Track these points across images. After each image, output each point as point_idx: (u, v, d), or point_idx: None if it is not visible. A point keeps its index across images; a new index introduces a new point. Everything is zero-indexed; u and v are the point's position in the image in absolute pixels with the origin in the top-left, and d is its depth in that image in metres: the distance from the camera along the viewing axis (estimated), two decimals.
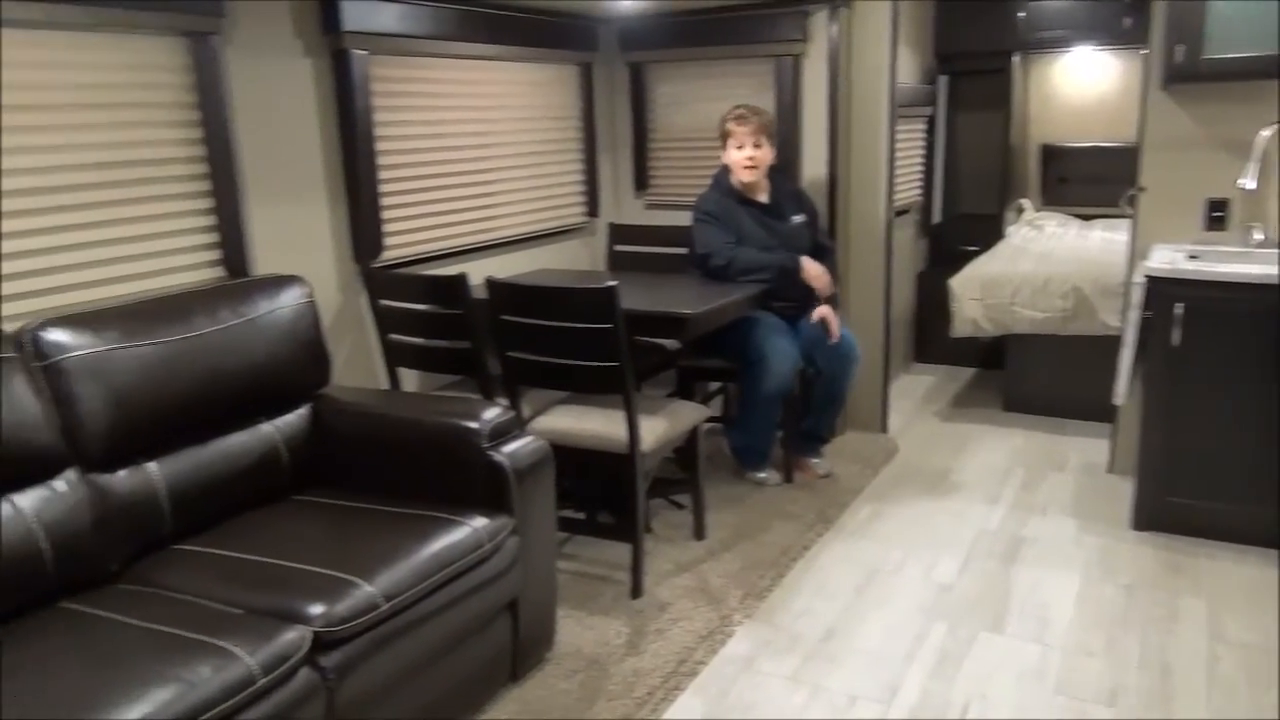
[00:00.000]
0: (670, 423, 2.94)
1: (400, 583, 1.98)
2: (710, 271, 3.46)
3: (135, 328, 2.18)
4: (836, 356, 3.57)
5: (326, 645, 1.83)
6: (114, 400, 2.09)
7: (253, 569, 2.04)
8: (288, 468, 2.45)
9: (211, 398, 2.29)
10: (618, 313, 2.62)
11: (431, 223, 3.39)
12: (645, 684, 2.43)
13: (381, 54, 3.07)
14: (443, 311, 2.92)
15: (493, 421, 2.35)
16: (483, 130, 3.58)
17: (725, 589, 2.91)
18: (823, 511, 3.44)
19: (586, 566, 3.07)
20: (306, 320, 2.54)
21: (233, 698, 1.64)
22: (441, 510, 2.25)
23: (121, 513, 2.09)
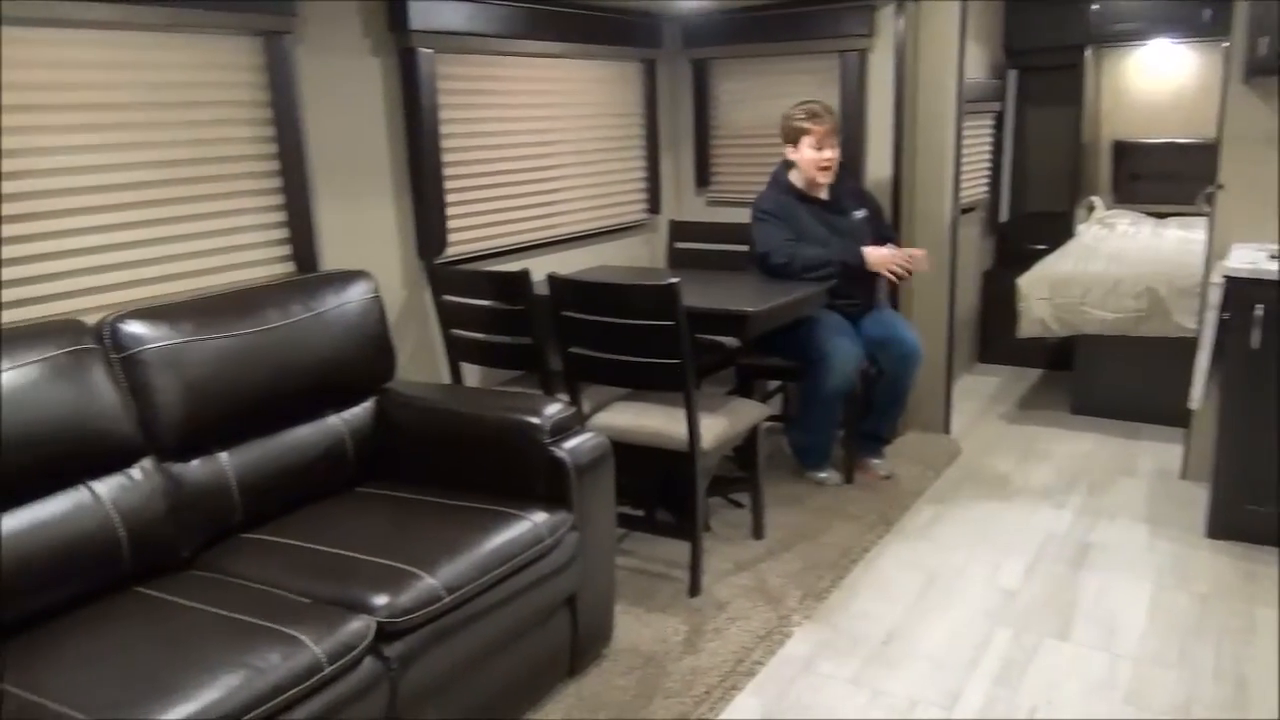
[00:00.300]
0: (730, 421, 2.93)
1: (462, 576, 2.00)
2: (770, 270, 3.43)
3: (209, 321, 2.23)
4: (900, 356, 3.52)
5: (390, 635, 1.86)
6: (188, 391, 2.14)
7: (319, 559, 2.07)
8: (353, 460, 2.50)
9: (281, 390, 2.34)
10: (679, 310, 2.61)
11: (494, 219, 3.42)
12: (703, 683, 2.43)
13: (448, 52, 3.10)
14: (505, 307, 2.94)
15: (554, 417, 2.36)
16: (546, 127, 3.60)
17: (784, 589, 2.89)
18: (883, 513, 3.40)
19: (644, 563, 3.07)
20: (373, 315, 2.58)
21: (300, 684, 1.67)
22: (502, 504, 2.27)
23: (194, 501, 2.15)
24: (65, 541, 1.89)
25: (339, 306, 2.50)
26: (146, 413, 2.09)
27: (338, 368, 2.47)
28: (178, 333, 2.16)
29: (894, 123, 3.82)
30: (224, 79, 2.52)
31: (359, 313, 2.54)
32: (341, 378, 2.50)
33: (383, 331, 2.61)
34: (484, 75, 3.30)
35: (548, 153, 3.62)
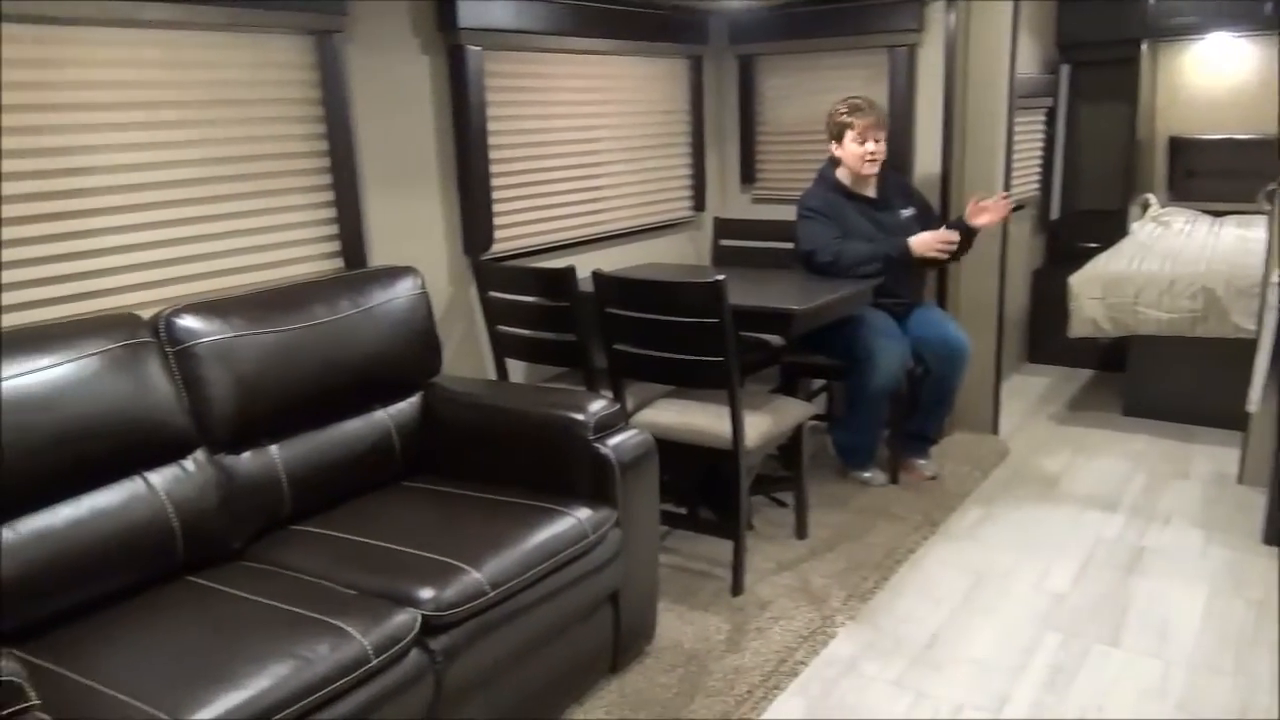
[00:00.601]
0: (775, 420, 2.91)
1: (506, 571, 2.01)
2: (816, 268, 3.40)
3: (260, 316, 2.27)
4: (947, 355, 3.48)
5: (435, 629, 1.87)
6: (240, 385, 2.18)
7: (366, 552, 2.10)
8: (399, 454, 2.52)
9: (329, 384, 2.37)
10: (725, 307, 2.60)
11: (540, 216, 3.43)
12: (745, 682, 2.42)
13: (495, 49, 3.12)
14: (550, 304, 2.96)
15: (598, 414, 2.37)
16: (592, 124, 3.60)
17: (827, 589, 2.87)
18: (929, 514, 3.36)
19: (686, 561, 3.07)
20: (420, 311, 2.60)
21: (347, 676, 1.69)
22: (546, 500, 2.28)
23: (245, 493, 2.18)
24: (121, 530, 1.93)
25: (386, 302, 2.53)
26: (199, 405, 2.13)
27: (385, 363, 2.50)
28: (230, 327, 2.20)
29: (943, 119, 3.77)
30: (277, 78, 2.56)
31: (406, 308, 2.57)
32: (388, 372, 2.53)
33: (429, 327, 2.63)
34: (531, 72, 3.32)
35: (593, 150, 3.63)
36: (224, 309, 2.23)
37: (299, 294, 2.41)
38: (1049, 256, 5.49)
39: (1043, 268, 5.36)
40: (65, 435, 1.87)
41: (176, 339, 2.13)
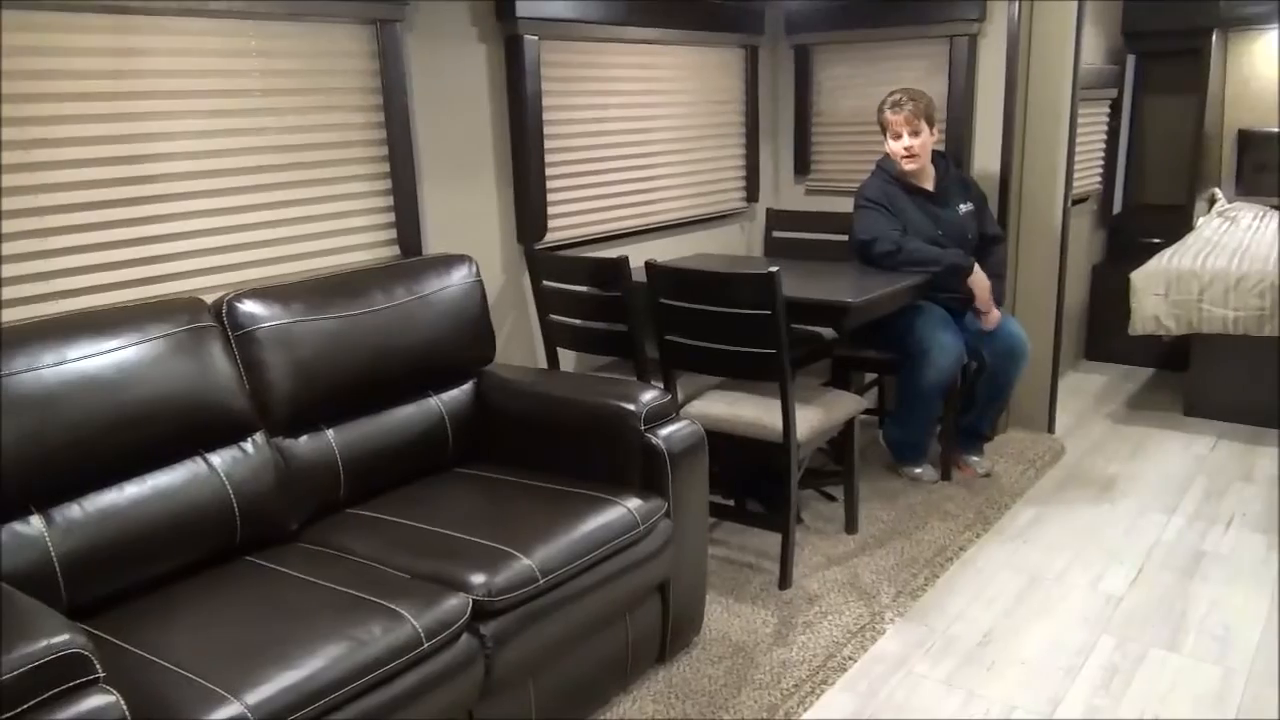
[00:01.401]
0: (826, 413, 2.89)
1: (556, 558, 2.02)
2: (873, 259, 3.36)
3: (318, 302, 2.30)
4: (1004, 351, 3.42)
5: (485, 614, 1.89)
6: (298, 369, 2.22)
7: (418, 536, 2.13)
8: (451, 441, 2.55)
9: (384, 370, 2.40)
10: (779, 299, 2.59)
11: (593, 205, 3.44)
12: (793, 676, 2.41)
13: (552, 39, 3.13)
14: (602, 294, 2.96)
15: (650, 404, 2.37)
16: (646, 114, 3.60)
17: (877, 585, 2.84)
18: (981, 512, 3.32)
19: (734, 553, 3.06)
20: (474, 299, 2.62)
21: (399, 658, 1.71)
22: (597, 489, 2.29)
23: (302, 476, 2.22)
24: (183, 509, 1.98)
25: (441, 290, 2.55)
26: (259, 389, 2.17)
27: (439, 350, 2.53)
28: (290, 313, 2.24)
29: (1004, 111, 3.70)
30: (338, 67, 2.59)
31: (460, 296, 2.59)
32: (442, 360, 2.55)
33: (483, 315, 2.65)
34: (587, 62, 3.32)
35: (647, 140, 3.62)
36: (284, 295, 2.27)
37: (356, 281, 2.44)
38: (1109, 252, 5.37)
39: (1103, 263, 5.24)
40: (131, 416, 1.91)
41: (238, 323, 2.17)
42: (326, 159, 2.60)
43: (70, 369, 1.85)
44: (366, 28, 2.62)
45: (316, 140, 2.57)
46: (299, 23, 2.48)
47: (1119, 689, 2.36)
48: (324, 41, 2.54)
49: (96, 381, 1.88)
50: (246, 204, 2.45)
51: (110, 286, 2.22)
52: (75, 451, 1.84)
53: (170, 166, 2.29)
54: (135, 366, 1.94)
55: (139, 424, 1.93)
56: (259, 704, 1.53)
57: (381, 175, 2.73)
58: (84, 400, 1.85)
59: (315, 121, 2.56)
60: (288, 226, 2.54)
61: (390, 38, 2.65)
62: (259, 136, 2.45)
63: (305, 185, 2.56)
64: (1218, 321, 4.06)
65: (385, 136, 2.71)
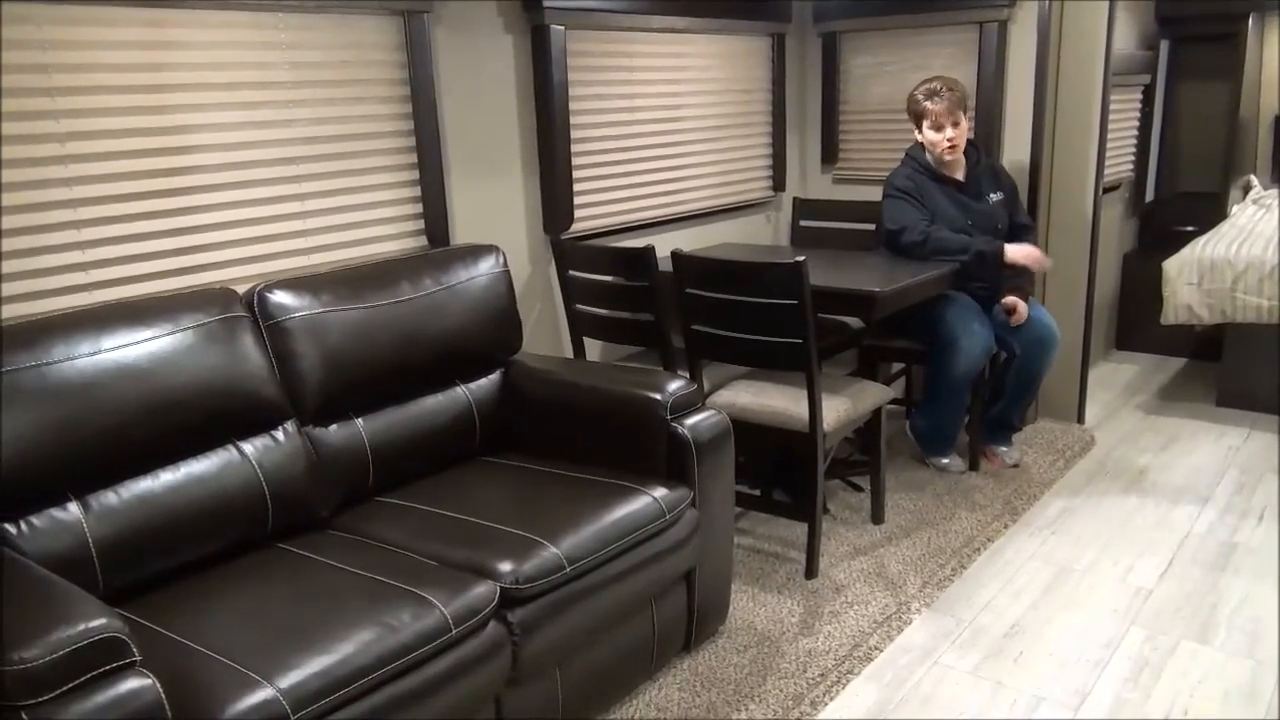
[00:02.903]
0: (853, 403, 2.88)
1: (583, 546, 2.04)
2: (901, 248, 3.34)
3: (348, 292, 2.33)
4: (1034, 341, 3.39)
5: (513, 601, 1.91)
6: (328, 358, 2.24)
7: (446, 524, 2.15)
8: (479, 430, 2.57)
9: (413, 360, 2.42)
10: (805, 289, 2.58)
11: (620, 195, 3.44)
12: (818, 665, 2.41)
13: (578, 29, 3.13)
14: (628, 283, 2.96)
15: (676, 394, 2.37)
16: (672, 103, 3.59)
17: (903, 575, 2.84)
18: (1010, 502, 3.30)
19: (760, 543, 3.07)
20: (501, 289, 2.64)
21: (428, 644, 1.73)
22: (623, 478, 2.29)
23: (332, 464, 2.25)
24: (216, 496, 2.01)
25: (469, 280, 2.57)
26: (290, 378, 2.20)
27: (466, 339, 2.54)
28: (319, 303, 2.26)
29: (1034, 98, 3.66)
30: (366, 58, 2.60)
31: (487, 286, 2.61)
32: (470, 349, 2.57)
33: (510, 305, 2.66)
34: (613, 51, 3.32)
35: (674, 129, 3.62)
36: (314, 285, 2.30)
37: (385, 271, 2.46)
38: (1141, 240, 5.30)
39: (1134, 252, 5.18)
40: (164, 404, 1.94)
41: (269, 313, 2.20)
42: (355, 150, 2.62)
43: (105, 358, 1.89)
44: (394, 19, 2.64)
45: (345, 131, 2.59)
46: (328, 15, 2.50)
47: (1148, 682, 2.34)
48: (352, 33, 2.56)
49: (131, 371, 1.91)
50: (277, 195, 2.47)
51: (145, 277, 2.26)
52: (111, 439, 1.87)
53: (203, 158, 2.32)
54: (169, 356, 1.97)
55: (172, 412, 1.96)
56: (290, 688, 1.55)
57: (409, 166, 2.74)
58: (119, 389, 1.88)
59: (344, 113, 2.58)
60: (317, 217, 2.57)
61: (418, 29, 2.66)
62: (289, 128, 2.47)
63: (334, 176, 2.58)
64: (1252, 311, 4.00)
65: (413, 127, 2.72)
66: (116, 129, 2.16)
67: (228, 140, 2.36)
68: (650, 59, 3.47)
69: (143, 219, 2.23)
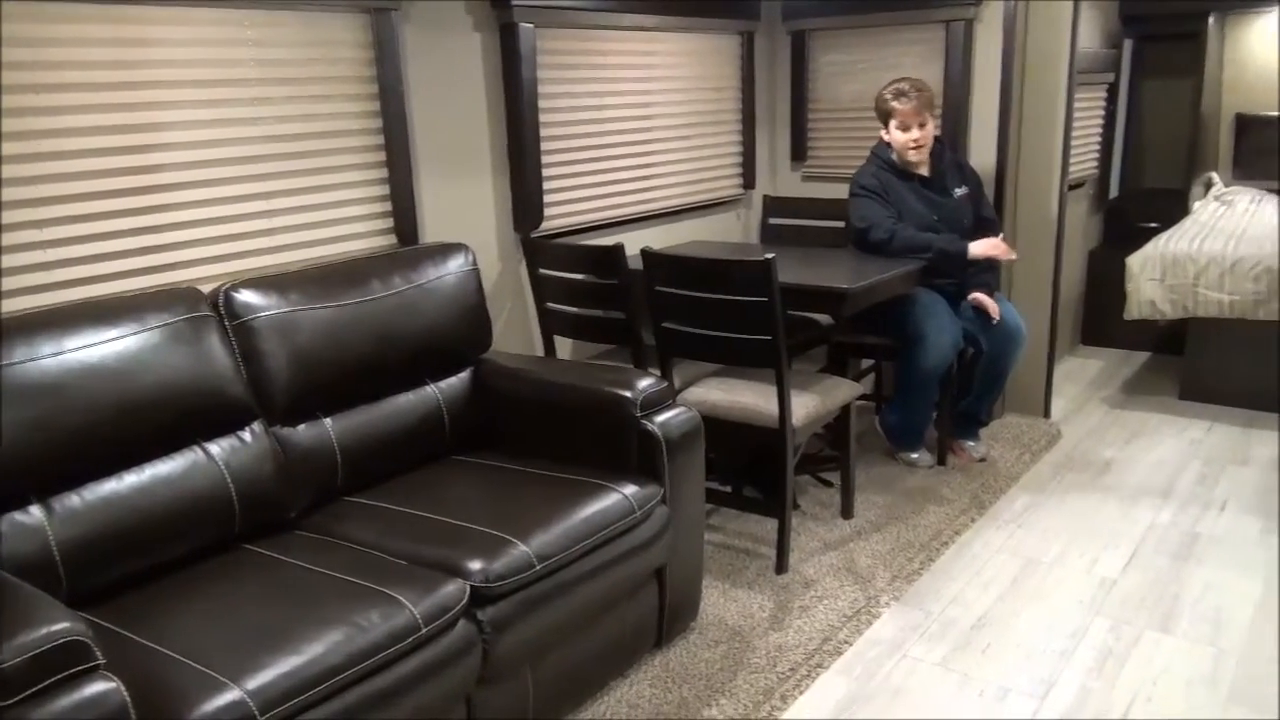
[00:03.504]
0: (822, 399, 2.90)
1: (553, 544, 2.04)
2: (869, 246, 3.37)
3: (316, 291, 2.31)
4: (1000, 336, 3.43)
5: (483, 600, 1.91)
6: (296, 358, 2.23)
7: (416, 523, 2.14)
8: (449, 429, 2.56)
9: (382, 359, 2.41)
10: (774, 286, 2.59)
11: (590, 193, 3.44)
12: (788, 659, 2.43)
13: (548, 26, 3.12)
14: (599, 281, 2.97)
15: (646, 391, 2.38)
16: (643, 101, 3.60)
17: (873, 569, 2.86)
18: (977, 496, 3.33)
19: (731, 539, 3.08)
20: (471, 287, 2.63)
21: (398, 644, 1.73)
22: (594, 476, 2.30)
23: (300, 464, 2.23)
24: (182, 498, 1.99)
25: (438, 278, 2.56)
26: (257, 378, 2.18)
27: (436, 338, 2.54)
28: (287, 302, 2.25)
29: (1000, 96, 3.70)
30: (334, 55, 2.59)
31: (457, 284, 2.60)
32: (439, 348, 2.56)
33: (480, 303, 2.66)
34: (582, 49, 3.31)
35: (644, 127, 3.62)
36: (281, 284, 2.28)
37: (353, 270, 2.44)
38: (1106, 236, 5.38)
39: (1099, 248, 5.25)
40: (129, 405, 1.92)
41: (235, 313, 2.18)
42: (323, 148, 2.60)
43: (68, 359, 1.86)
44: (362, 16, 2.62)
45: (313, 129, 2.57)
46: (294, 12, 2.48)
47: (1112, 671, 2.38)
48: (319, 30, 2.54)
49: (94, 371, 1.89)
50: (244, 194, 2.45)
51: (110, 276, 2.23)
52: (74, 441, 1.85)
53: (169, 156, 2.29)
54: (133, 357, 1.95)
55: (137, 414, 1.94)
56: (258, 689, 1.54)
57: (378, 164, 2.73)
58: (82, 390, 1.86)
59: (312, 110, 2.56)
60: (285, 216, 2.55)
61: (385, 26, 2.65)
62: (256, 126, 2.45)
63: (302, 175, 2.57)
64: (1213, 305, 4.07)
65: (381, 125, 2.71)
66: (81, 127, 2.13)
67: (194, 138, 2.33)
68: (620, 57, 3.47)
69: (107, 218, 2.21)
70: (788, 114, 4.24)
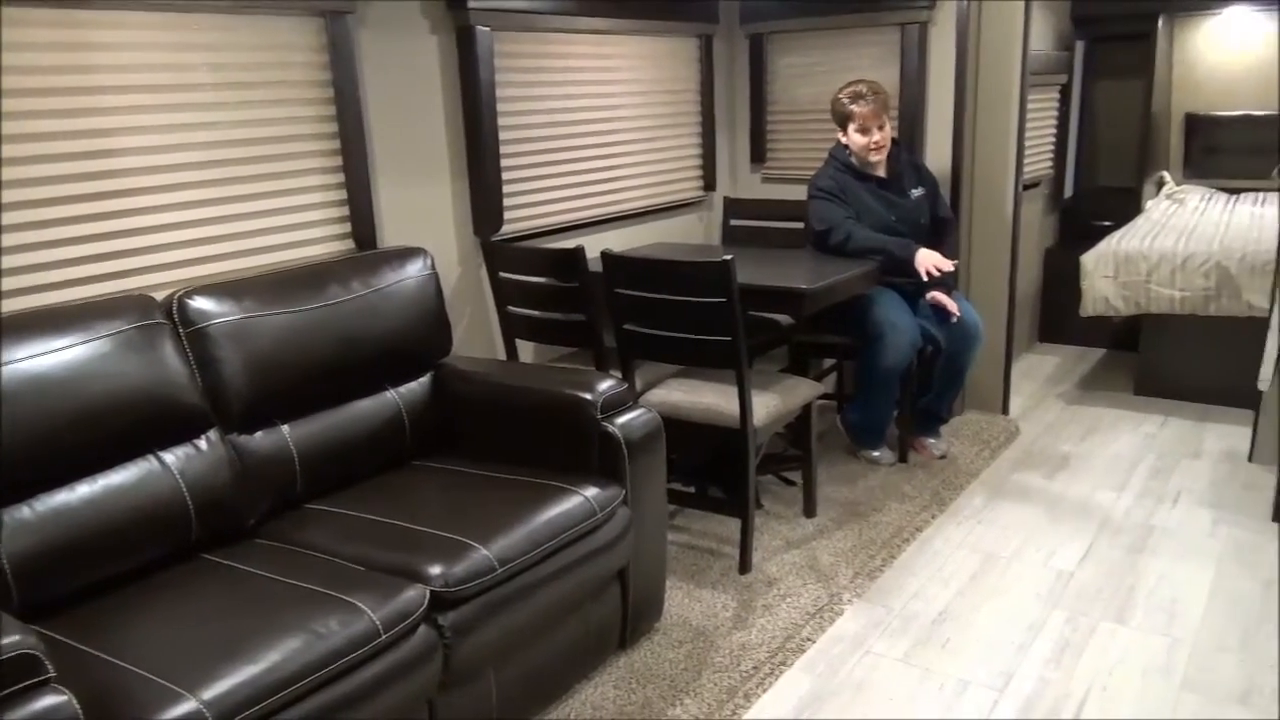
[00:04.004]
0: (783, 399, 2.92)
1: (515, 547, 2.04)
2: (828, 247, 3.40)
3: (272, 297, 2.29)
4: (959, 334, 3.47)
5: (444, 604, 1.90)
6: (252, 365, 2.21)
7: (376, 529, 2.13)
8: (409, 434, 2.55)
9: (341, 365, 2.40)
10: (733, 287, 2.61)
11: (550, 197, 3.44)
12: (752, 658, 2.45)
13: (505, 30, 3.12)
14: (559, 284, 2.97)
15: (606, 393, 2.38)
16: (602, 104, 3.60)
17: (835, 567, 2.89)
18: (938, 493, 3.37)
19: (696, 539, 3.09)
20: (430, 291, 2.62)
21: (357, 650, 1.72)
22: (555, 479, 2.30)
23: (258, 472, 2.21)
24: (136, 508, 1.96)
25: (397, 283, 2.55)
26: (212, 386, 2.16)
27: (395, 343, 2.52)
28: (242, 308, 2.23)
29: (955, 98, 3.75)
30: (288, 59, 2.57)
31: (416, 289, 2.59)
32: (399, 353, 2.55)
33: (439, 307, 2.65)
34: (541, 53, 3.31)
35: (604, 130, 3.63)
36: (236, 290, 2.26)
37: (310, 275, 2.43)
38: (1062, 235, 5.46)
39: (1055, 246, 5.33)
40: (80, 415, 1.90)
41: (189, 320, 2.16)
42: (279, 153, 2.58)
43: (17, 369, 1.83)
44: (316, 20, 2.61)
45: (268, 134, 2.55)
46: (246, 15, 2.46)
47: (1070, 662, 2.42)
48: (273, 34, 2.52)
49: (44, 381, 1.86)
50: (199, 199, 2.43)
51: (63, 284, 2.19)
52: (24, 452, 1.82)
53: (124, 162, 2.26)
54: (83, 366, 1.92)
55: (88, 424, 1.91)
56: (215, 699, 1.53)
57: (335, 168, 2.71)
58: (31, 401, 1.83)
59: (267, 115, 2.54)
60: (241, 221, 2.53)
61: (340, 30, 2.63)
62: (211, 131, 2.43)
63: (258, 180, 2.54)
64: (1165, 302, 4.14)
65: (338, 129, 2.69)
66: (35, 132, 2.10)
67: (148, 144, 2.30)
68: (579, 60, 3.48)
69: (63, 224, 2.17)
70: (747, 116, 4.27)
